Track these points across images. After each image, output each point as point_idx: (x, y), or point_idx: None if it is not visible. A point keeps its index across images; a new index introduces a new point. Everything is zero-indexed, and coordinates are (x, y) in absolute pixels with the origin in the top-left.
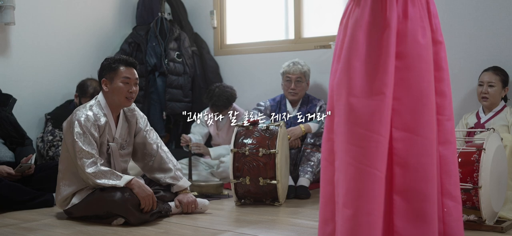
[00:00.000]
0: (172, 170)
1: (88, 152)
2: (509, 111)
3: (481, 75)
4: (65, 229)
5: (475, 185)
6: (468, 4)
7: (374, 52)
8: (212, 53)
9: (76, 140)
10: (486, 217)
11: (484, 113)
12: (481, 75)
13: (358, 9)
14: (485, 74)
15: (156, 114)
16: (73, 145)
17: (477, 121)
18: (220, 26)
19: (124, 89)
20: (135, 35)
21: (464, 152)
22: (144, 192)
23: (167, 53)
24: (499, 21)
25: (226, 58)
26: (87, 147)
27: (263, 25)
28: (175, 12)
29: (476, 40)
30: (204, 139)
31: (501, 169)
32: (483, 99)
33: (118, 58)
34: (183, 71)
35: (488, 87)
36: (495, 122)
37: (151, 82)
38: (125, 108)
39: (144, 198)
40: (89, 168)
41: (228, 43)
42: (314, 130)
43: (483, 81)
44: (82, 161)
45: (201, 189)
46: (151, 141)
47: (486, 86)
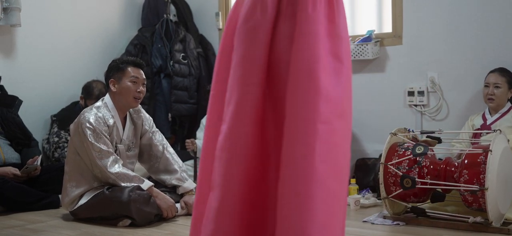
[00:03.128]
0: (178, 172)
1: (107, 151)
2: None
3: (487, 77)
4: (71, 230)
5: (481, 187)
6: (473, 5)
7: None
8: (217, 54)
9: (93, 142)
10: (493, 219)
11: (490, 114)
12: (487, 77)
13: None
14: (491, 76)
15: (162, 116)
16: (89, 147)
17: (483, 122)
18: None
19: (132, 88)
20: (140, 37)
21: (471, 153)
22: (166, 203)
23: (172, 55)
24: (505, 21)
25: None
26: (104, 146)
27: None
28: (181, 14)
29: (482, 41)
30: None
31: (507, 170)
32: (489, 100)
33: (126, 59)
34: (189, 72)
35: (494, 88)
36: (502, 124)
37: (156, 84)
38: (131, 110)
39: (166, 209)
40: (112, 168)
41: None
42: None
43: (489, 82)
44: (103, 162)
45: None
46: (157, 142)
47: (492, 87)
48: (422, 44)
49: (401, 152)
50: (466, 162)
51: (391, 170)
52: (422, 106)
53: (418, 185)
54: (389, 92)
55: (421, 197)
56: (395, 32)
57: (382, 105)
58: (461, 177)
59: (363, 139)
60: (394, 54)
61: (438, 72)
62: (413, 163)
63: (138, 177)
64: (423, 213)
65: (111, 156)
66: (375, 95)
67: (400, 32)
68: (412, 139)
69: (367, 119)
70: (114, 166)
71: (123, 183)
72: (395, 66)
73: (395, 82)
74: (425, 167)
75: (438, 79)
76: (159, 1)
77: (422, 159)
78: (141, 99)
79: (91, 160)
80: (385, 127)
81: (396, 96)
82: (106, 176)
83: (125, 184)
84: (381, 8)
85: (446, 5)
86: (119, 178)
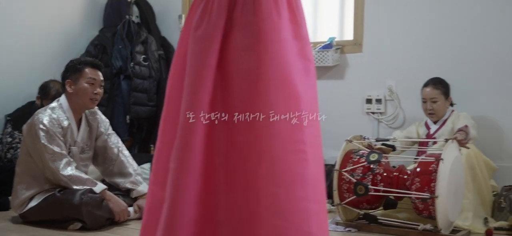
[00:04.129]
0: (132, 175)
1: (60, 153)
2: (455, 116)
3: (422, 91)
4: (20, 233)
5: (432, 195)
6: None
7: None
8: (173, 59)
9: (45, 144)
10: (442, 227)
11: (433, 122)
12: (422, 91)
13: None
14: (426, 90)
15: (120, 118)
16: (42, 149)
17: (427, 131)
18: None
19: (89, 90)
20: (101, 37)
21: (423, 162)
22: (119, 207)
23: (133, 56)
24: (462, 31)
25: None
26: (58, 148)
27: None
28: (143, 15)
29: (439, 50)
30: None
31: (458, 179)
32: (429, 115)
33: (83, 60)
34: (149, 74)
35: (432, 103)
36: (444, 134)
37: (115, 85)
38: (87, 112)
39: (119, 213)
40: (65, 170)
41: None
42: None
43: (426, 98)
44: (55, 164)
45: None
46: (112, 145)
47: (430, 102)
48: (382, 53)
49: (355, 159)
50: (418, 170)
51: (345, 177)
52: (379, 114)
53: (371, 192)
54: (347, 99)
55: (374, 204)
56: (355, 40)
57: (340, 111)
58: (413, 185)
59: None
60: (354, 61)
61: (396, 80)
62: (367, 170)
63: (91, 180)
64: (375, 220)
65: (64, 159)
66: (334, 101)
67: (360, 40)
68: (367, 146)
69: (325, 125)
70: (67, 168)
71: (75, 186)
72: (354, 74)
73: (354, 89)
74: (379, 174)
75: (395, 87)
76: (121, 1)
77: (376, 166)
78: (98, 101)
79: (44, 162)
80: (342, 134)
81: (355, 103)
82: (58, 179)
83: (78, 187)
84: (343, 15)
85: (406, 15)
86: (71, 181)
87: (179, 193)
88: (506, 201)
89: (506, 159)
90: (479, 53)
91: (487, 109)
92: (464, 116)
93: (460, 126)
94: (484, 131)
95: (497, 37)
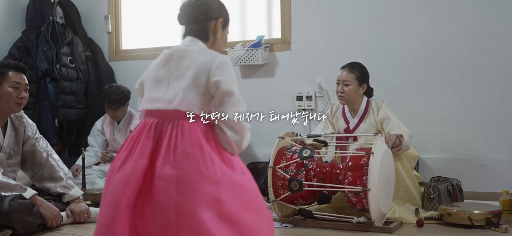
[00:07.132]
0: (63, 179)
1: None
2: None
3: (339, 73)
4: None
5: (364, 188)
6: (359, 12)
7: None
8: (106, 58)
9: None
10: (375, 219)
11: (351, 115)
12: (339, 73)
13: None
14: (341, 72)
15: (48, 121)
16: None
17: (346, 126)
18: (115, 31)
19: (14, 94)
20: (24, 39)
21: (354, 156)
22: (51, 212)
23: (59, 58)
24: (392, 28)
25: (121, 64)
26: None
27: (160, 30)
28: (68, 16)
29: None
30: (103, 148)
31: (388, 172)
32: (340, 97)
33: (6, 63)
34: (76, 76)
35: (344, 86)
36: (366, 131)
37: (42, 88)
38: (12, 116)
39: (51, 218)
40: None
41: (124, 49)
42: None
43: (339, 80)
44: None
45: (95, 197)
46: (41, 149)
47: (342, 85)
48: (310, 50)
49: (288, 156)
50: (350, 165)
51: (279, 174)
52: (310, 111)
53: (305, 188)
54: (278, 97)
55: (309, 200)
56: (284, 38)
57: (271, 109)
58: (345, 179)
59: (253, 143)
60: (283, 59)
61: (325, 77)
62: (300, 166)
63: (20, 186)
64: (310, 215)
65: None
66: (265, 99)
67: (289, 38)
68: (300, 142)
69: (257, 123)
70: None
71: (3, 193)
72: (284, 71)
73: (284, 86)
74: (312, 170)
75: (325, 84)
76: (44, 2)
77: (309, 162)
78: (23, 105)
79: None
80: (275, 131)
81: (285, 101)
82: None
83: (6, 193)
84: (270, 14)
85: (332, 12)
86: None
87: None
88: (435, 192)
89: (432, 150)
90: (404, 48)
91: (413, 102)
92: (385, 106)
93: (389, 123)
94: (410, 123)
95: (421, 33)
